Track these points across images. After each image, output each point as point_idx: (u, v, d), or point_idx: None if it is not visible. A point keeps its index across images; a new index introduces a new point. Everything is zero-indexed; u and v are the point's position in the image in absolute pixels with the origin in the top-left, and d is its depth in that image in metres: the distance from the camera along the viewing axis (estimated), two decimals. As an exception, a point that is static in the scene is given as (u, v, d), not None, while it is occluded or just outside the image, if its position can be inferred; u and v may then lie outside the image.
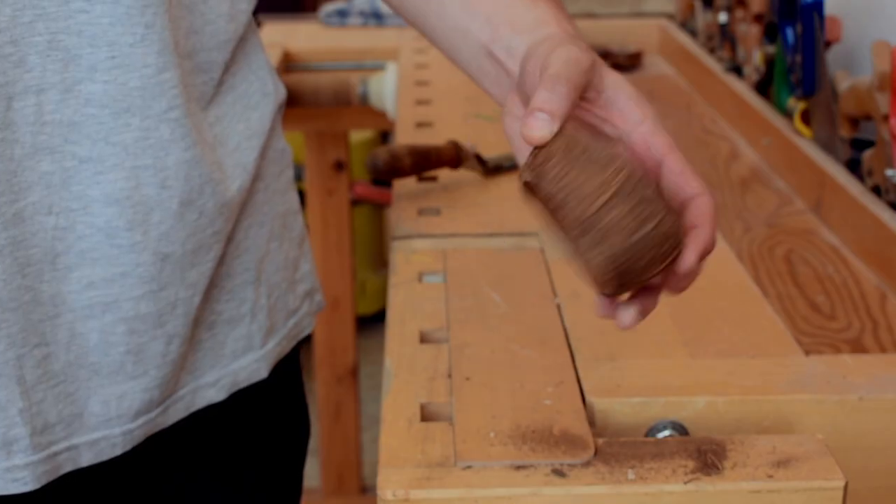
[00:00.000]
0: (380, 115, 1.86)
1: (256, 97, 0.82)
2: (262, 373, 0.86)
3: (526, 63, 0.73)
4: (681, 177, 0.70)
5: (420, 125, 1.43)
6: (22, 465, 0.72)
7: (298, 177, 2.93)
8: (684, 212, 0.69)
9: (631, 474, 0.67)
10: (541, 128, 0.66)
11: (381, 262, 3.30)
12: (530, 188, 0.66)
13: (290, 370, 0.92)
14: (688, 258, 0.68)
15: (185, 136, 0.73)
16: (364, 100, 1.84)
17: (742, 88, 1.55)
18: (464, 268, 0.99)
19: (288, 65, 1.95)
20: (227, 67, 0.79)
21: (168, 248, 0.74)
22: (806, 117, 1.35)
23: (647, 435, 0.77)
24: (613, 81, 0.72)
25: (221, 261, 0.80)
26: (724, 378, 0.79)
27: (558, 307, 0.92)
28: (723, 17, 1.69)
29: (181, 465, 0.86)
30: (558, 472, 0.67)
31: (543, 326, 0.88)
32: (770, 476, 0.67)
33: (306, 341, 0.92)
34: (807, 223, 1.21)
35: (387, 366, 0.81)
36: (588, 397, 0.78)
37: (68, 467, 0.76)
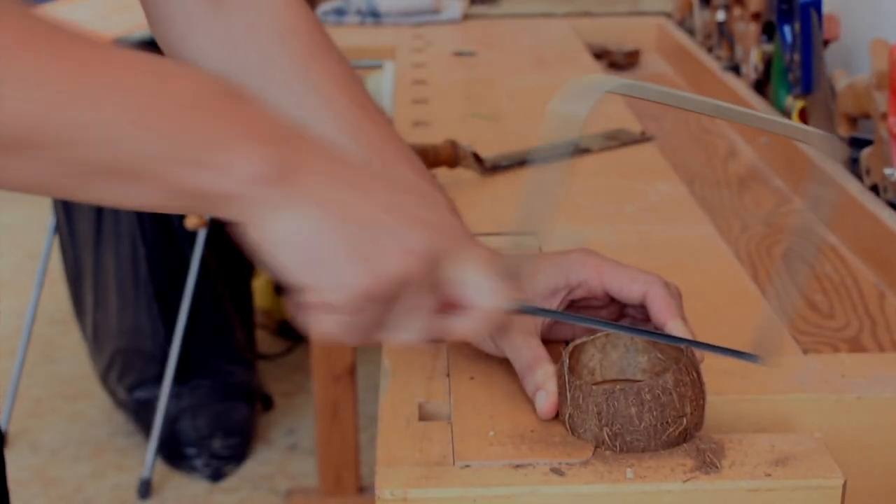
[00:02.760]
0: (378, 113, 1.86)
1: None
2: None
3: None
4: (622, 291, 0.77)
5: (417, 124, 1.43)
6: None
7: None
8: (649, 312, 0.76)
9: (629, 473, 0.67)
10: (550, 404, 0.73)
11: (378, 261, 3.29)
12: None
13: None
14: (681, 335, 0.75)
15: None
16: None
17: (740, 87, 1.55)
18: (462, 267, 0.99)
19: (285, 64, 1.94)
20: None
21: None
22: (804, 116, 1.35)
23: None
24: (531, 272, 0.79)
25: None
26: (722, 377, 0.79)
27: (556, 306, 0.92)
28: (720, 16, 1.69)
29: None
30: (557, 472, 0.67)
31: (541, 325, 0.87)
32: (768, 475, 0.67)
33: (304, 341, 0.92)
34: (805, 222, 1.21)
35: (385, 365, 0.81)
36: (586, 396, 0.77)
37: None
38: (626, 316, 0.81)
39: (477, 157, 1.24)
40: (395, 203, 0.64)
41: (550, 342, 0.78)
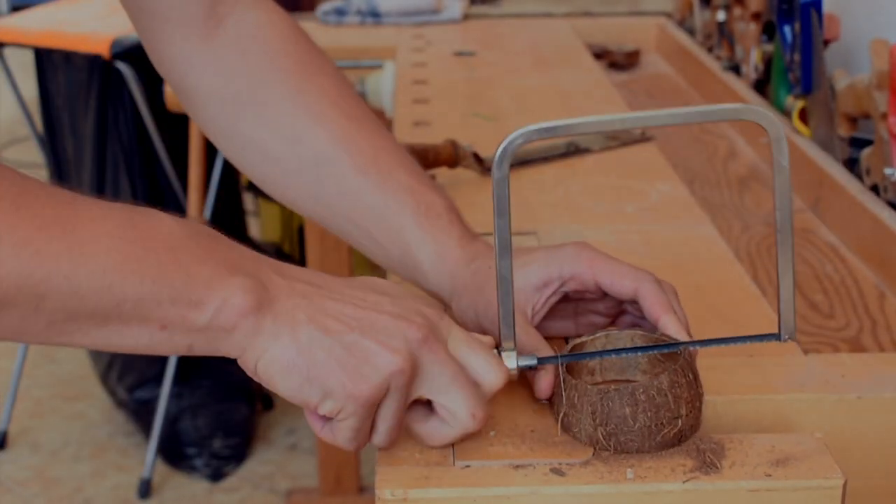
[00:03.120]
0: (378, 113, 1.86)
1: None
2: None
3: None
4: (614, 286, 0.77)
5: (418, 124, 1.43)
6: None
7: (296, 176, 2.93)
8: (642, 308, 0.77)
9: (629, 473, 0.67)
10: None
11: (379, 261, 3.29)
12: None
13: None
14: (682, 336, 0.75)
15: None
16: (362, 98, 1.84)
17: (740, 87, 1.55)
18: (462, 267, 0.99)
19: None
20: None
21: None
22: (804, 116, 1.35)
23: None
24: (520, 264, 0.79)
25: None
26: (722, 377, 0.79)
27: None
28: (721, 16, 1.69)
29: None
30: (557, 472, 0.67)
31: (542, 325, 0.87)
32: (769, 475, 0.67)
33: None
34: (805, 222, 1.21)
35: (385, 365, 0.81)
36: (586, 396, 0.77)
37: None
38: (625, 312, 0.81)
39: (477, 157, 1.24)
40: (373, 305, 0.67)
41: (548, 339, 0.78)
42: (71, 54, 2.37)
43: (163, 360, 2.41)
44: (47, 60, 2.48)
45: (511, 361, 0.72)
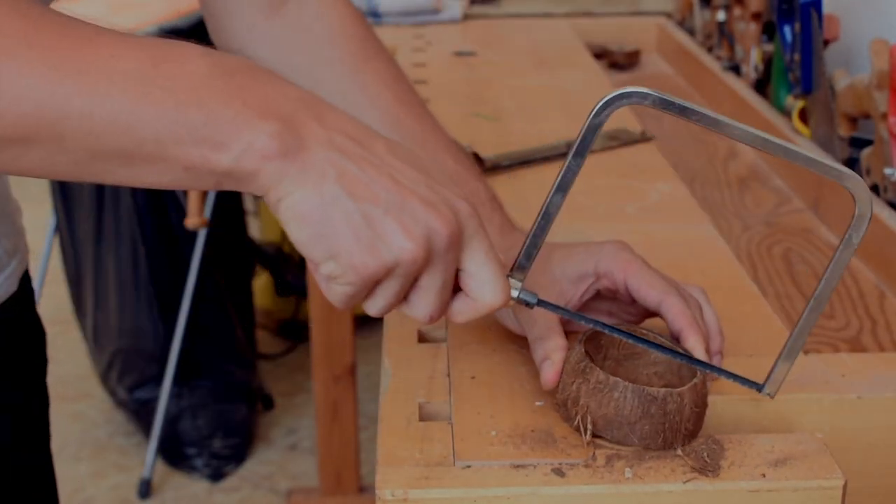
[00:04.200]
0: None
1: None
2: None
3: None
4: (641, 292, 0.77)
5: (418, 124, 1.43)
6: None
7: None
8: (665, 320, 0.77)
9: (629, 473, 0.67)
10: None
11: (378, 261, 3.29)
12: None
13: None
14: (699, 354, 0.75)
15: None
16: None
17: (740, 87, 1.55)
18: (462, 267, 0.99)
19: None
20: None
21: None
22: (804, 116, 1.35)
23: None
24: (560, 256, 0.80)
25: None
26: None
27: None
28: (721, 16, 1.69)
29: None
30: (557, 472, 0.67)
31: (542, 325, 0.87)
32: (769, 475, 0.67)
33: (304, 341, 0.93)
34: (805, 222, 1.21)
35: (385, 365, 0.81)
36: (587, 396, 0.77)
37: None
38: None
39: (477, 157, 1.24)
40: (409, 182, 0.64)
41: (576, 332, 0.78)
42: (71, 54, 2.37)
43: (163, 361, 2.41)
44: (47, 60, 2.48)
45: (514, 291, 0.71)
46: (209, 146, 0.60)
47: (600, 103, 0.67)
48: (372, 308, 0.66)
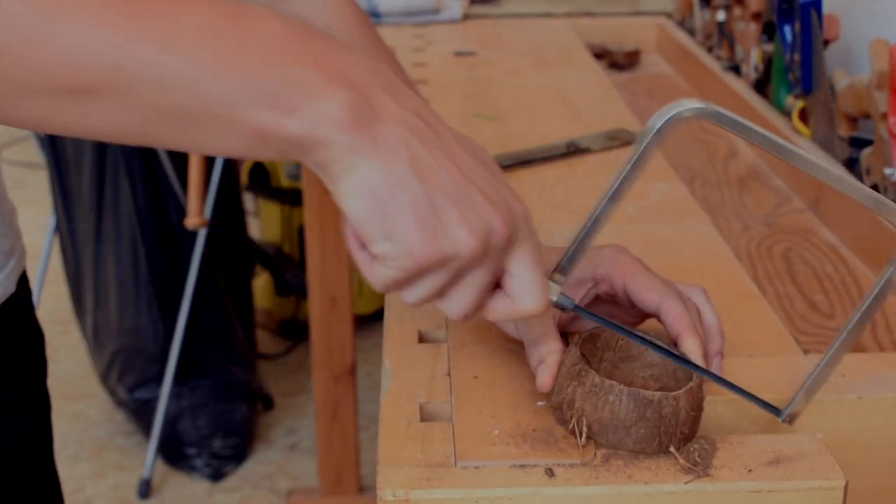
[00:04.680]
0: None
1: None
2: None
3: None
4: (639, 296, 0.77)
5: (418, 124, 1.43)
6: None
7: (296, 176, 2.93)
8: (663, 324, 0.76)
9: (630, 474, 0.67)
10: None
11: (378, 260, 3.29)
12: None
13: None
14: (698, 362, 0.74)
15: None
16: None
17: (740, 87, 1.55)
18: (462, 267, 0.99)
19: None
20: None
21: None
22: (804, 116, 1.35)
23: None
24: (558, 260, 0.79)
25: None
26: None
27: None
28: (721, 16, 1.69)
29: None
30: (559, 472, 0.67)
31: (542, 326, 0.87)
32: (770, 476, 0.67)
33: (304, 341, 0.93)
34: (805, 222, 1.21)
35: (385, 366, 0.81)
36: (587, 397, 0.77)
37: None
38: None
39: (477, 158, 1.24)
40: (472, 175, 0.63)
41: (572, 334, 0.78)
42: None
43: (163, 360, 2.41)
44: (47, 60, 2.48)
45: (554, 293, 0.71)
46: (282, 110, 0.58)
47: (661, 121, 0.68)
48: (411, 297, 0.64)
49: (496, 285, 0.67)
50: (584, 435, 0.69)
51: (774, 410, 0.74)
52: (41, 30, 0.55)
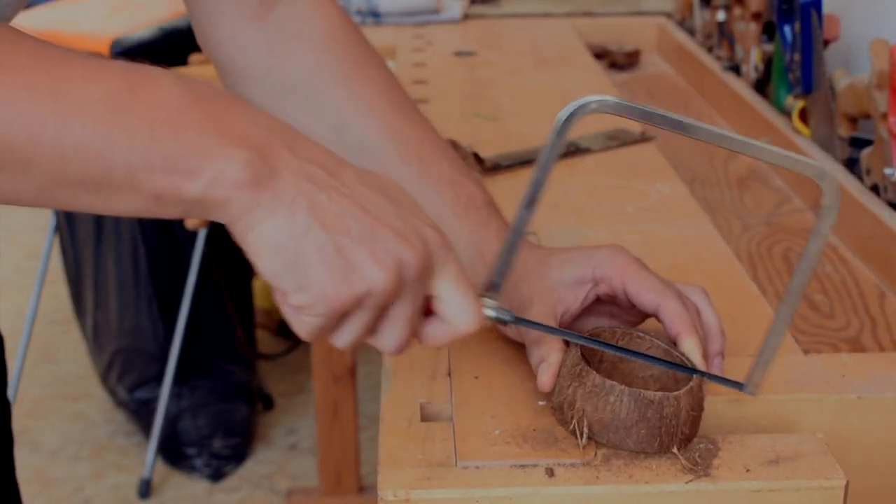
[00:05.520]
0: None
1: None
2: None
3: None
4: (639, 296, 0.77)
5: (418, 124, 1.43)
6: None
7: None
8: (662, 324, 0.76)
9: (631, 474, 0.67)
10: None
11: (378, 260, 3.29)
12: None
13: None
14: (697, 362, 0.74)
15: None
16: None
17: (740, 87, 1.55)
18: (463, 267, 0.99)
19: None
20: None
21: None
22: (804, 116, 1.35)
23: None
24: (557, 262, 0.80)
25: None
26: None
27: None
28: (721, 16, 1.69)
29: None
30: (559, 472, 0.67)
31: (543, 326, 0.87)
32: (770, 475, 0.67)
33: (304, 341, 0.92)
34: (805, 222, 1.21)
35: (386, 366, 0.81)
36: (588, 397, 0.77)
37: None
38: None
39: (477, 157, 1.24)
40: (379, 212, 0.64)
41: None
42: (71, 54, 2.37)
43: (163, 360, 2.41)
44: (47, 60, 2.48)
45: (490, 310, 0.71)
46: (180, 174, 0.60)
47: (563, 118, 0.67)
48: (340, 340, 0.66)
49: (429, 312, 0.67)
50: (584, 435, 0.69)
51: (738, 385, 0.74)
52: None
